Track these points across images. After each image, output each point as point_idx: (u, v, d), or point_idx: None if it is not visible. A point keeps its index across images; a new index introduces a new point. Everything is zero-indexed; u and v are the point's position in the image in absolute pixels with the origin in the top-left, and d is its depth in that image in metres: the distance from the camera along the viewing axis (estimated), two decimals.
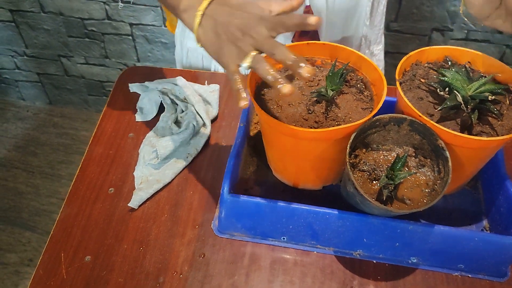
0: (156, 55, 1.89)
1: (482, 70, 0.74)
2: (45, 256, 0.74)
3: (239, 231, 0.75)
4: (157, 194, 0.81)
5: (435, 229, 0.68)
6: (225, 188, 0.72)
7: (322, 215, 0.70)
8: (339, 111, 0.69)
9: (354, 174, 0.67)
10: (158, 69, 1.03)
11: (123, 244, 0.75)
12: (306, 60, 0.76)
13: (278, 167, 0.78)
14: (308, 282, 0.71)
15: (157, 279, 0.71)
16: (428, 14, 1.55)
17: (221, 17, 0.60)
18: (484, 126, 0.68)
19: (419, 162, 0.69)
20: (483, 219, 0.77)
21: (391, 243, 0.71)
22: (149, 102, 0.93)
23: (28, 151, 2.02)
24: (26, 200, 1.85)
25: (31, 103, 2.21)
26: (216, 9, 0.61)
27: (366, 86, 0.73)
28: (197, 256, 0.73)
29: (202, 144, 0.87)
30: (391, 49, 1.65)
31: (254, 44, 0.58)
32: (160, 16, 1.73)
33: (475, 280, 0.71)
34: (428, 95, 0.71)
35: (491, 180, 0.77)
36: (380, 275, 0.72)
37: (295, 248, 0.74)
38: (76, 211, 0.79)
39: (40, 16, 1.82)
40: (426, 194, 0.66)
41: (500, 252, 0.69)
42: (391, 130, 0.69)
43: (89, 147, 0.88)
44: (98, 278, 0.71)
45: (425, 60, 0.77)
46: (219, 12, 0.61)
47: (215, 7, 0.61)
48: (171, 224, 0.77)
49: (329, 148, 0.68)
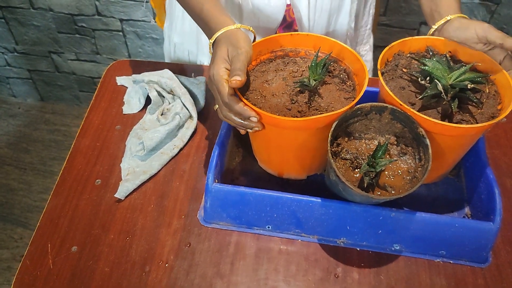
0: (147, 51, 1.89)
1: (464, 60, 0.75)
2: (32, 247, 0.74)
3: (225, 221, 0.76)
4: (143, 185, 0.82)
5: (417, 216, 0.70)
6: (209, 178, 0.72)
7: (305, 203, 0.71)
8: (322, 101, 0.70)
9: (336, 163, 0.68)
10: (145, 63, 1.03)
11: (110, 234, 0.75)
12: (290, 51, 0.77)
13: (263, 157, 0.79)
14: (292, 270, 0.72)
15: (143, 268, 0.72)
16: (416, 8, 1.56)
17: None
18: (464, 115, 0.69)
19: (401, 150, 0.70)
20: (465, 206, 0.78)
21: (374, 231, 0.72)
22: (136, 94, 0.93)
23: (20, 148, 2.02)
24: (18, 197, 1.85)
25: (23, 100, 2.21)
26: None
27: (349, 76, 0.74)
28: (183, 245, 0.74)
29: (189, 136, 0.88)
30: (380, 43, 1.66)
31: (216, 101, 0.69)
32: (151, 11, 1.73)
33: (457, 266, 0.72)
34: (410, 85, 0.72)
35: (473, 168, 0.78)
36: (363, 262, 0.73)
37: (280, 236, 0.75)
38: (63, 203, 0.79)
39: (30, 12, 1.81)
40: (407, 182, 0.67)
41: (481, 238, 0.70)
42: (373, 119, 0.70)
43: (76, 139, 0.89)
44: (85, 268, 0.72)
45: (408, 50, 0.78)
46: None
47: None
48: (158, 214, 0.78)
49: (311, 137, 0.69)
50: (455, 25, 0.75)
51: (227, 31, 0.69)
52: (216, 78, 0.65)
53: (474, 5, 1.54)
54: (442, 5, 0.79)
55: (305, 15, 0.91)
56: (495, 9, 1.53)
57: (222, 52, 0.67)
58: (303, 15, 0.91)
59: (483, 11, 1.55)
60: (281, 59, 0.77)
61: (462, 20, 0.75)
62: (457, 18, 0.76)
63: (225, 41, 0.68)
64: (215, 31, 0.70)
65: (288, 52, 0.77)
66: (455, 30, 0.75)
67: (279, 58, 0.77)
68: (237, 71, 0.63)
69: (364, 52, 1.10)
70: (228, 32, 0.69)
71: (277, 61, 0.76)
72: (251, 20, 0.91)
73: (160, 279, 0.70)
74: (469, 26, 0.73)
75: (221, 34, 0.69)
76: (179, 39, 1.03)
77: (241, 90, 0.71)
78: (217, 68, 0.66)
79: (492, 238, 0.70)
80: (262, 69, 0.75)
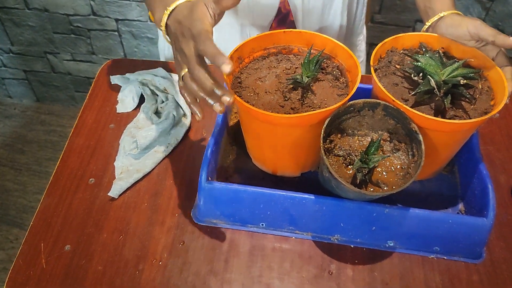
0: (143, 50, 1.88)
1: (456, 56, 0.75)
2: (25, 246, 0.74)
3: (218, 218, 0.75)
4: (137, 184, 0.81)
5: (410, 212, 0.69)
6: (203, 176, 0.72)
7: (299, 200, 0.71)
8: (315, 98, 0.70)
9: (329, 159, 0.68)
10: (139, 61, 1.03)
11: (103, 233, 0.75)
12: (283, 48, 0.77)
13: (257, 155, 0.79)
14: (286, 267, 0.72)
15: (136, 267, 0.71)
16: (411, 5, 1.57)
17: (173, 28, 0.63)
18: (457, 110, 0.69)
19: (394, 147, 0.69)
20: (459, 202, 0.78)
21: (367, 227, 0.72)
22: (130, 93, 0.93)
23: (16, 149, 2.02)
24: (13, 198, 1.84)
25: (18, 101, 2.20)
26: (171, 23, 0.64)
27: (342, 73, 0.74)
28: (176, 243, 0.74)
29: (183, 134, 0.88)
30: (375, 40, 1.66)
31: (185, 61, 0.60)
32: (146, 11, 1.73)
33: (451, 262, 0.72)
34: (403, 81, 0.72)
35: (466, 164, 0.78)
36: (357, 259, 0.73)
37: (274, 234, 0.75)
38: (57, 202, 0.79)
39: (25, 12, 1.81)
40: (400, 178, 0.67)
41: (474, 234, 0.70)
42: (366, 116, 0.70)
43: (70, 139, 0.88)
44: (78, 267, 0.71)
45: (401, 46, 0.78)
46: (173, 25, 0.63)
47: (171, 19, 0.64)
48: (151, 212, 0.78)
49: (304, 134, 0.69)
50: (448, 22, 0.75)
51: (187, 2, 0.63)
52: (199, 26, 0.57)
53: (469, 2, 1.54)
54: (436, 1, 0.79)
55: (300, 7, 0.91)
56: (490, 6, 1.53)
57: (201, 8, 0.60)
58: (298, 6, 0.91)
59: (478, 8, 1.55)
60: (274, 56, 0.76)
61: (455, 17, 0.75)
62: (450, 15, 0.76)
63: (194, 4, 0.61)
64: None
65: (281, 49, 0.77)
66: (448, 27, 0.75)
67: (272, 55, 0.77)
68: (220, 55, 0.55)
69: (358, 42, 1.11)
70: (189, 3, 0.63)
71: (270, 58, 0.76)
72: (246, 13, 0.91)
73: (154, 277, 0.70)
74: (461, 23, 0.73)
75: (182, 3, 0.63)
76: None
77: (233, 86, 0.71)
78: (202, 13, 0.58)
79: (485, 234, 0.70)
80: (255, 66, 0.75)
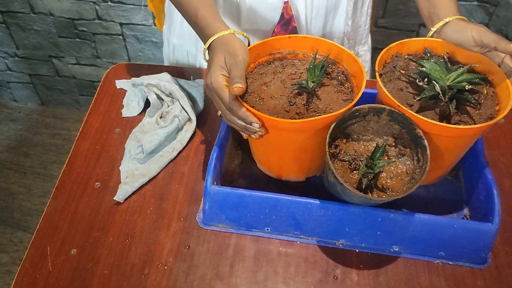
0: (147, 54, 1.89)
1: (461, 61, 0.76)
2: (31, 250, 0.74)
3: (223, 223, 0.76)
4: (142, 188, 0.82)
5: (416, 217, 0.70)
6: (208, 180, 0.72)
7: (304, 205, 0.71)
8: (320, 103, 0.70)
9: (335, 164, 0.68)
10: (145, 66, 1.03)
11: (109, 236, 0.76)
12: (288, 54, 0.77)
13: (262, 159, 0.79)
14: (291, 272, 0.72)
15: (142, 271, 0.72)
16: (414, 10, 1.57)
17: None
18: (462, 116, 0.69)
19: (399, 152, 0.70)
20: (464, 207, 0.78)
21: (372, 232, 0.72)
22: (135, 97, 0.94)
23: (21, 152, 2.03)
24: (18, 201, 1.85)
25: (23, 104, 2.21)
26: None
27: (347, 78, 0.74)
28: (182, 247, 0.74)
29: (188, 139, 0.88)
30: (379, 45, 1.66)
31: (218, 107, 0.69)
32: (150, 15, 1.73)
33: (456, 267, 0.72)
34: (408, 86, 0.73)
35: (471, 169, 0.78)
36: (362, 263, 0.73)
37: (279, 238, 0.75)
38: (63, 206, 0.79)
39: (30, 17, 1.82)
40: (405, 183, 0.67)
41: (480, 239, 0.70)
42: (371, 121, 0.70)
43: (76, 143, 0.89)
44: (84, 270, 0.72)
45: (406, 52, 0.78)
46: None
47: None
48: (157, 216, 0.78)
49: (310, 139, 0.69)
50: (452, 27, 0.75)
51: (221, 37, 0.69)
52: (215, 85, 0.66)
53: (472, 7, 1.54)
54: (440, 7, 0.79)
55: (303, 12, 0.91)
56: (493, 10, 1.53)
57: (219, 59, 0.67)
58: (301, 12, 0.91)
59: (482, 13, 1.55)
60: (279, 62, 0.77)
61: (459, 22, 0.75)
62: (455, 20, 0.76)
63: (220, 48, 0.68)
64: (209, 37, 0.70)
65: (286, 54, 0.77)
66: (452, 32, 0.75)
67: (277, 61, 0.77)
68: (237, 79, 0.64)
69: (362, 52, 1.10)
70: (223, 38, 0.69)
71: (275, 63, 0.77)
72: (249, 18, 0.92)
73: (159, 281, 0.71)
74: (465, 29, 0.73)
75: (215, 41, 0.69)
76: (178, 40, 1.04)
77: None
78: (215, 76, 0.66)
79: (491, 239, 0.70)
80: (260, 71, 0.75)
